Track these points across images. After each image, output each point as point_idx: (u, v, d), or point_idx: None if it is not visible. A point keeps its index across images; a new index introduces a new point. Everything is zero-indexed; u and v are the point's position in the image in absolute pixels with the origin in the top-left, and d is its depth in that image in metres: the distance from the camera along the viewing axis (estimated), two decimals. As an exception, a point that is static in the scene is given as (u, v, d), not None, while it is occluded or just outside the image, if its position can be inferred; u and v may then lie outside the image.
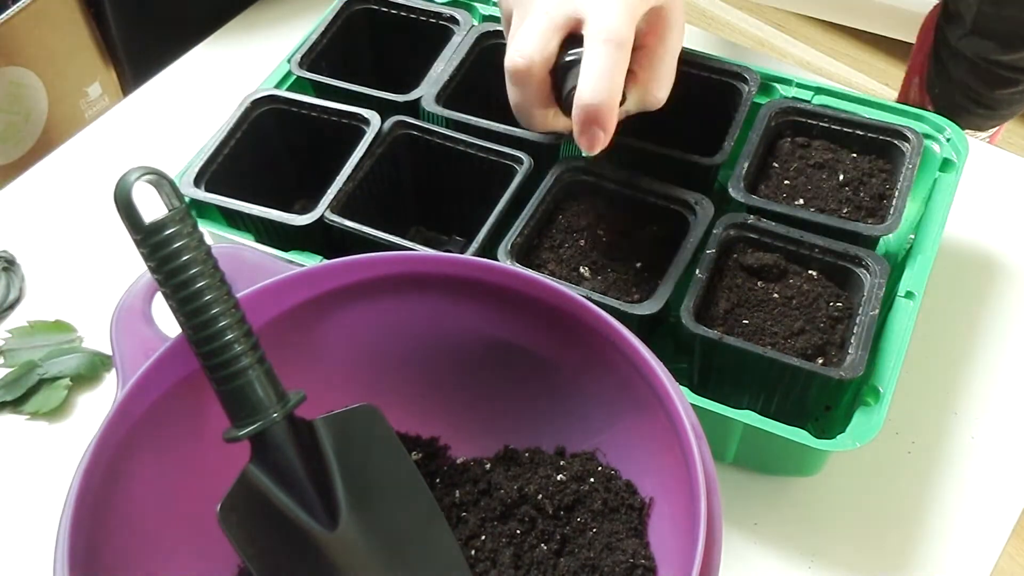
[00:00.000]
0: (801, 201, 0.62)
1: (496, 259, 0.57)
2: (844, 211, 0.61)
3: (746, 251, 0.60)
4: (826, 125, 0.65)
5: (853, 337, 0.55)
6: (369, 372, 0.55)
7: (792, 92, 0.68)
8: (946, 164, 0.66)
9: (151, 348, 0.48)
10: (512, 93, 0.59)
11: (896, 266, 0.62)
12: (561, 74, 0.57)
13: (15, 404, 0.65)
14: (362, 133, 0.65)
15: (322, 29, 0.73)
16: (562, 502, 0.52)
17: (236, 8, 0.89)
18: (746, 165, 0.62)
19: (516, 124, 0.65)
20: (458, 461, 0.56)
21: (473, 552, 0.51)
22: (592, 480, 0.52)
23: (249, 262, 0.52)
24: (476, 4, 0.76)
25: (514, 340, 0.53)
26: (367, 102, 0.67)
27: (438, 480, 0.55)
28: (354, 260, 0.51)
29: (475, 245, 0.59)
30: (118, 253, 0.69)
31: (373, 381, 0.54)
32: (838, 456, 0.59)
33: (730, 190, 0.61)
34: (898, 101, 0.80)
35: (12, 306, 0.71)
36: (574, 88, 0.55)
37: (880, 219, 0.61)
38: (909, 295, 0.59)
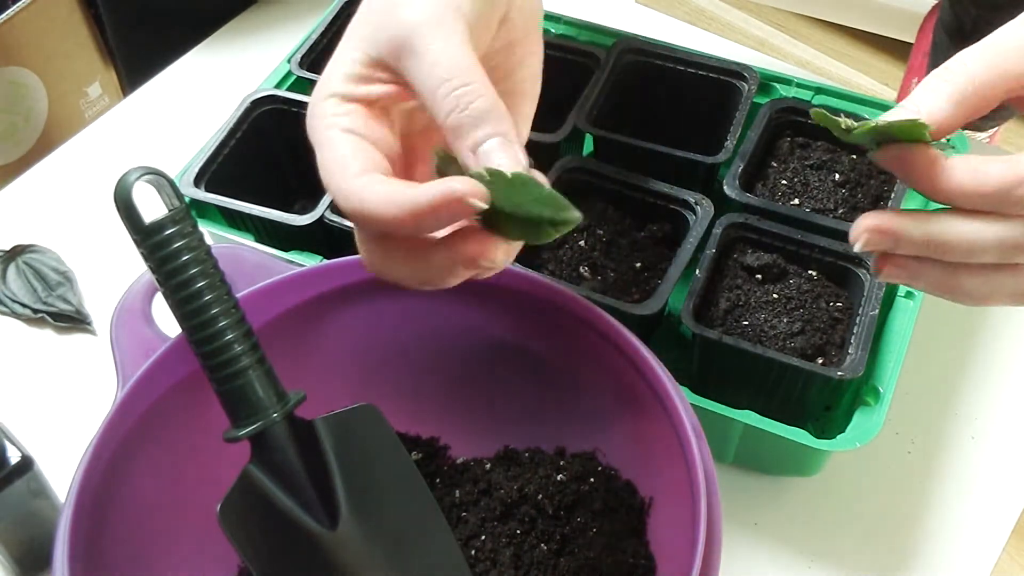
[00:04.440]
0: (796, 201, 0.62)
1: (496, 259, 0.57)
2: (840, 212, 0.61)
3: (746, 251, 0.60)
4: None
5: (853, 337, 0.55)
6: (369, 372, 0.55)
7: (792, 92, 0.68)
8: (946, 164, 0.65)
9: (151, 348, 0.48)
10: None
11: (896, 266, 0.62)
12: None
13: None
14: (362, 133, 0.65)
15: (322, 29, 0.73)
16: (562, 502, 0.52)
17: (236, 8, 0.89)
18: (742, 164, 0.62)
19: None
20: (458, 461, 0.56)
21: (473, 552, 0.51)
22: (592, 480, 0.52)
23: (249, 262, 0.52)
24: (476, 4, 0.76)
25: (514, 340, 0.53)
26: (367, 102, 0.67)
27: (438, 480, 0.54)
28: (354, 260, 0.51)
29: (475, 245, 0.59)
30: (118, 253, 0.69)
31: (373, 381, 0.54)
32: (838, 456, 0.59)
33: (724, 188, 0.61)
34: (898, 101, 0.80)
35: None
36: None
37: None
38: (909, 295, 0.59)
